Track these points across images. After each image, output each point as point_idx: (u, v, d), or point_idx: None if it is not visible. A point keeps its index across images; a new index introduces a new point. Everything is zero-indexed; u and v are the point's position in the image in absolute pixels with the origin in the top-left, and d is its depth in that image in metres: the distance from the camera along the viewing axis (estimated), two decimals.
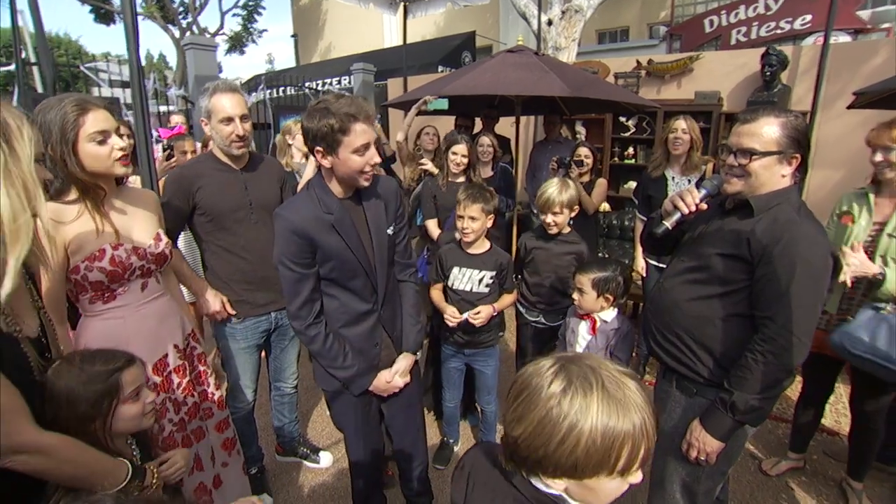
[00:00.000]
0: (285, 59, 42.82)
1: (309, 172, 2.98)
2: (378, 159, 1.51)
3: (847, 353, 1.93)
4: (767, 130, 1.38)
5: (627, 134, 5.55)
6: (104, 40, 52.49)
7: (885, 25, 7.33)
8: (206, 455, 1.77)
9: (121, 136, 1.44)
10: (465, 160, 3.03)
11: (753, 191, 1.43)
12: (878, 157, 1.96)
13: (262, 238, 2.04)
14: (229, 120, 1.89)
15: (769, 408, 1.41)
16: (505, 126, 4.59)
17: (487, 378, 2.44)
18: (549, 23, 6.31)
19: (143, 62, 2.71)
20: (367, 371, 1.69)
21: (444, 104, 3.34)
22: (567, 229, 2.39)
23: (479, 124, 4.75)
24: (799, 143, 1.39)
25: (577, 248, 2.40)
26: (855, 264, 1.89)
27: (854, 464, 2.28)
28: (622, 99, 3.78)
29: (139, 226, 1.57)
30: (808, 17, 7.33)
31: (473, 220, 2.16)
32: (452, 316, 2.21)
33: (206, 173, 1.98)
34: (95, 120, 1.35)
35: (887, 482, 2.40)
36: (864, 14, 7.36)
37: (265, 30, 18.85)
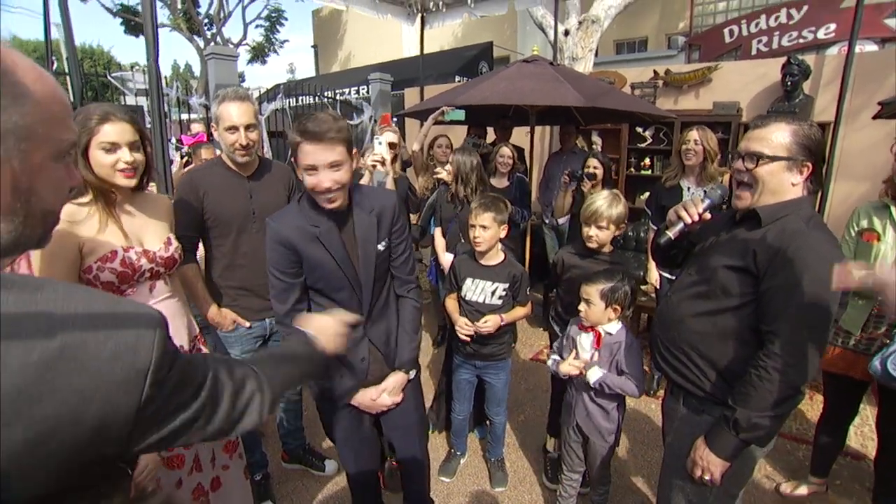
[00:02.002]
0: (306, 69, 43.57)
1: (365, 181, 2.99)
2: (327, 184, 1.42)
3: (891, 381, 1.78)
4: (777, 136, 1.34)
5: (644, 145, 5.47)
6: (133, 51, 54.27)
7: None
8: (206, 457, 1.76)
9: (136, 150, 1.49)
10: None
11: (762, 199, 1.38)
12: None
13: (262, 247, 2.04)
14: (234, 129, 1.91)
15: (776, 426, 1.34)
16: (519, 136, 4.56)
17: (497, 390, 2.39)
18: (566, 33, 6.29)
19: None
20: (350, 385, 1.66)
21: (460, 115, 3.34)
22: (608, 248, 2.24)
23: (490, 134, 4.73)
24: (810, 151, 1.33)
25: (616, 267, 2.18)
26: None
27: (880, 490, 2.16)
28: (638, 109, 3.74)
29: (150, 230, 1.62)
30: (833, 27, 7.16)
31: (485, 230, 2.13)
32: (464, 326, 2.19)
33: (213, 179, 1.99)
34: (110, 131, 1.44)
35: None
36: (892, 22, 7.15)
37: (287, 40, 19.18)
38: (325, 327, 1.13)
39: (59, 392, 0.50)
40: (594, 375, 1.91)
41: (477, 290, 2.23)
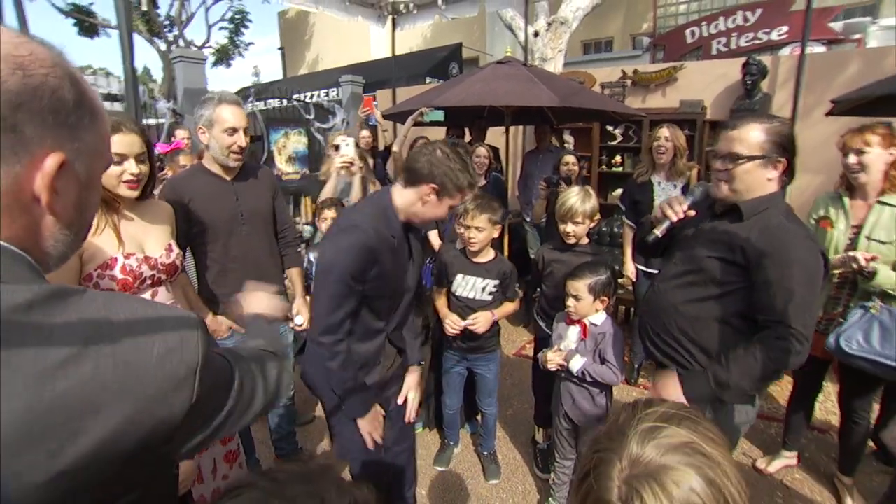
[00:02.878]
0: (272, 72, 42.83)
1: (330, 185, 3.01)
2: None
3: (844, 355, 1.98)
4: (752, 136, 1.44)
5: (615, 142, 5.66)
6: (87, 53, 52.18)
7: (856, 36, 7.61)
8: (207, 467, 1.76)
9: (142, 161, 1.49)
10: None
11: (741, 195, 1.49)
12: (852, 160, 2.05)
13: (254, 249, 2.05)
14: (233, 130, 1.92)
15: (750, 394, 1.46)
16: (494, 136, 4.66)
17: (489, 382, 2.47)
18: (536, 34, 6.45)
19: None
20: (367, 396, 1.68)
21: (440, 115, 3.40)
22: (585, 240, 2.35)
23: (468, 134, 4.82)
24: (783, 148, 1.44)
25: (595, 259, 2.34)
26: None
27: (844, 459, 2.35)
28: (609, 108, 3.88)
29: (151, 236, 1.60)
30: (785, 29, 7.55)
31: (480, 231, 2.19)
32: (454, 323, 2.25)
33: (197, 185, 1.99)
34: (120, 142, 1.43)
35: (877, 476, 2.47)
36: (837, 26, 7.63)
37: (252, 43, 18.80)
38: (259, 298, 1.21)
39: (116, 399, 0.50)
40: (576, 364, 2.00)
41: (468, 286, 2.29)
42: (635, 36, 11.41)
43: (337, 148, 3.21)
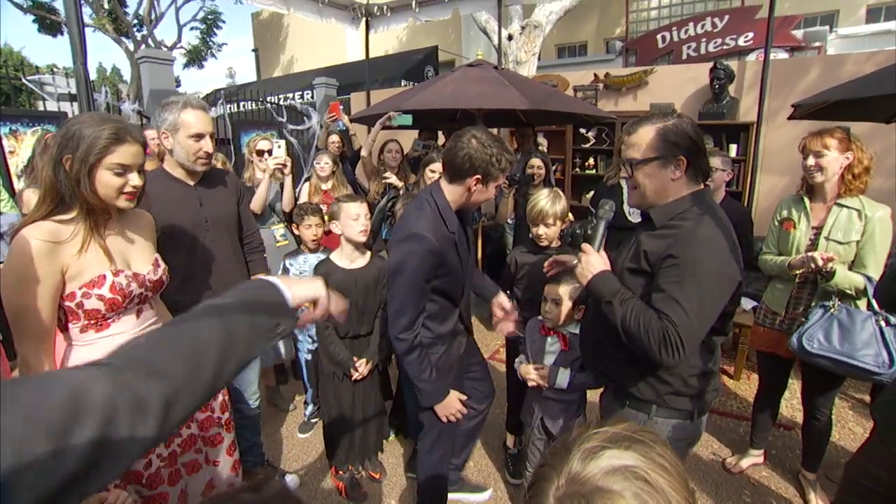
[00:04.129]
0: (246, 74, 42.19)
1: (263, 189, 2.98)
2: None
3: (806, 354, 2.02)
4: (644, 138, 1.40)
5: (588, 145, 5.73)
6: (50, 52, 50.59)
7: (816, 44, 7.89)
8: (196, 489, 1.65)
9: (141, 172, 1.40)
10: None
11: (652, 200, 1.44)
12: (811, 162, 2.11)
13: (219, 255, 1.99)
14: (199, 136, 1.86)
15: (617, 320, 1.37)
16: None
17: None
18: (510, 38, 6.49)
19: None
20: (445, 384, 1.85)
21: (408, 120, 3.38)
22: (557, 242, 2.35)
23: (441, 137, 4.81)
24: (678, 146, 1.36)
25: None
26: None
27: (807, 455, 2.41)
28: (581, 111, 3.91)
29: (138, 251, 1.50)
30: (751, 35, 7.77)
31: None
32: None
33: (158, 190, 1.91)
34: (125, 153, 1.33)
35: (838, 470, 2.52)
36: (798, 33, 7.91)
37: (225, 43, 18.50)
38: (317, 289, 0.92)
39: None
40: (564, 379, 1.95)
41: None
42: (608, 40, 11.60)
43: (261, 153, 3.16)
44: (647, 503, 0.55)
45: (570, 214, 2.53)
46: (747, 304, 3.52)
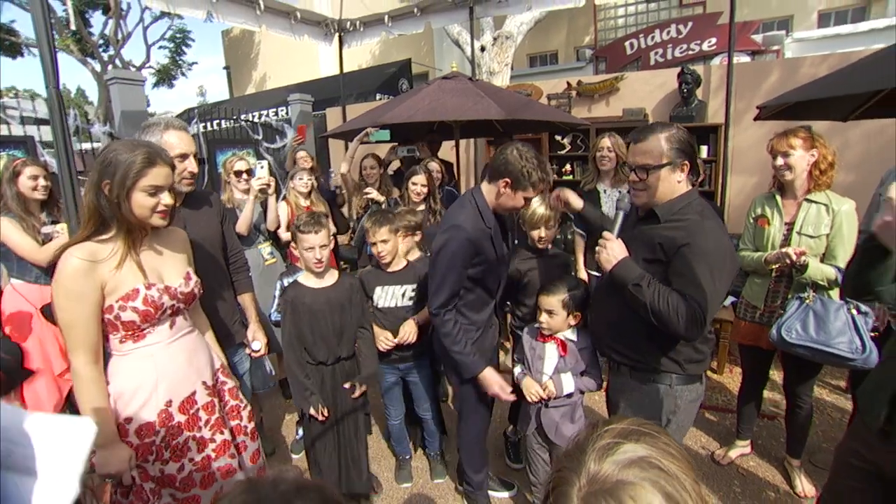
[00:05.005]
0: (218, 92, 41.77)
1: (248, 211, 2.97)
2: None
3: (785, 344, 2.15)
4: (656, 146, 1.61)
5: (564, 151, 5.84)
6: (10, 74, 49.28)
7: (775, 47, 8.26)
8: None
9: (172, 191, 1.50)
10: (425, 189, 3.25)
11: (657, 200, 1.65)
12: (779, 162, 2.23)
13: (206, 276, 1.98)
14: (183, 157, 1.87)
15: (633, 300, 1.59)
16: (445, 150, 4.72)
17: (422, 389, 2.54)
18: (482, 49, 6.61)
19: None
20: (481, 358, 2.02)
21: (385, 135, 3.40)
22: (550, 245, 2.47)
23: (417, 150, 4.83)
24: (684, 152, 1.61)
25: (563, 257, 2.59)
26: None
27: (791, 442, 2.50)
28: (555, 119, 4.01)
29: (170, 265, 1.60)
30: (714, 40, 8.10)
31: (385, 243, 2.31)
32: (386, 340, 2.34)
33: None
34: (157, 175, 1.43)
35: (821, 454, 2.62)
36: (758, 38, 8.26)
37: (195, 62, 18.32)
38: None
39: None
40: (569, 386, 2.00)
41: (387, 296, 2.40)
42: (578, 48, 11.89)
43: (239, 174, 3.15)
44: (665, 488, 0.59)
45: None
46: (726, 299, 3.63)
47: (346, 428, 2.29)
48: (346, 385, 2.22)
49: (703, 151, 5.00)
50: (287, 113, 8.55)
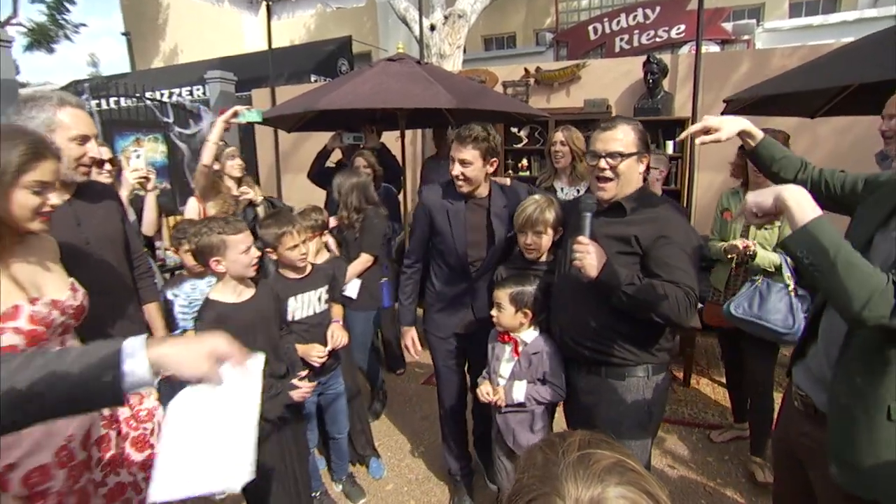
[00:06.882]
0: (115, 62, 39.75)
1: (150, 206, 2.90)
2: (455, 173, 2.34)
3: (732, 318, 2.68)
4: (626, 134, 1.84)
5: (520, 145, 6.01)
6: None
7: (745, 37, 8.86)
8: None
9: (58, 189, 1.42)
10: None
11: (622, 191, 1.88)
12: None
13: (105, 281, 1.92)
14: (84, 138, 1.80)
15: (633, 303, 1.78)
16: (390, 141, 4.74)
17: (341, 401, 2.69)
18: (432, 28, 6.70)
19: None
20: (411, 314, 2.64)
21: (258, 116, 3.17)
22: (547, 256, 2.28)
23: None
24: (646, 144, 1.90)
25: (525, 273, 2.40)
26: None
27: (754, 440, 2.88)
28: (511, 109, 4.14)
29: (49, 276, 1.49)
30: (682, 27, 8.56)
31: (297, 248, 2.38)
32: (319, 352, 2.40)
33: None
34: (44, 170, 1.35)
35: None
36: (728, 26, 8.84)
37: (83, 24, 16.99)
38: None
39: None
40: (519, 393, 2.08)
41: (303, 305, 2.46)
42: (538, 31, 12.27)
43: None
44: (646, 488, 0.68)
45: None
46: None
47: (290, 455, 2.30)
48: (301, 374, 2.27)
49: (669, 147, 5.29)
50: (204, 93, 8.31)
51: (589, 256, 1.76)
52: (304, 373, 2.27)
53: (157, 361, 0.98)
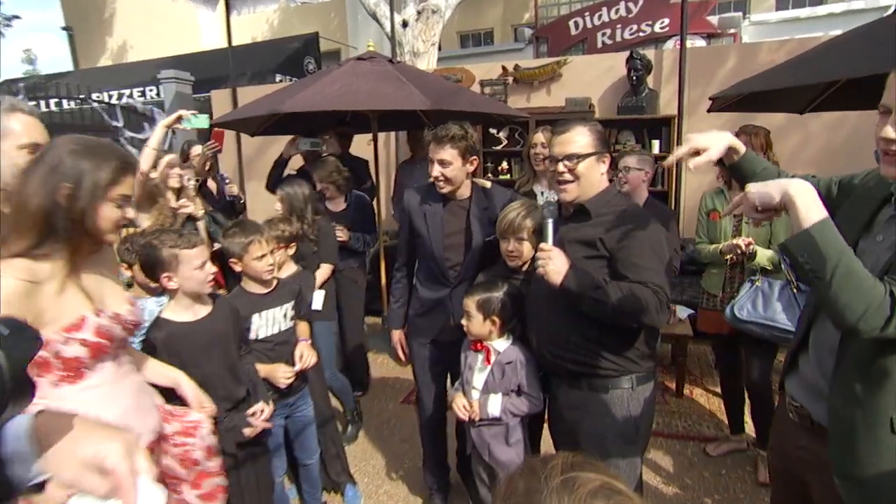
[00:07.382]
0: (55, 60, 38.78)
1: None
2: (435, 174, 2.40)
3: (738, 321, 2.69)
4: (582, 136, 1.92)
5: (500, 147, 6.04)
6: None
7: (731, 30, 9.09)
8: None
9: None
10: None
11: (585, 193, 1.95)
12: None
13: None
14: (36, 147, 1.76)
15: (596, 307, 1.82)
16: (360, 145, 4.71)
17: (311, 424, 2.65)
18: (405, 24, 6.71)
19: None
20: (399, 318, 2.74)
21: (203, 122, 3.13)
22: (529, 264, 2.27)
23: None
24: (606, 144, 1.99)
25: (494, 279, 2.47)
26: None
27: (759, 433, 2.97)
28: (490, 110, 4.16)
29: (110, 289, 1.57)
30: (666, 21, 8.75)
31: (261, 259, 2.37)
32: (286, 372, 2.37)
33: None
34: (128, 185, 1.48)
35: None
36: (714, 19, 9.05)
37: (16, 16, 16.59)
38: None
39: None
40: (495, 406, 2.10)
41: (268, 323, 2.44)
42: (516, 27, 12.39)
43: None
44: None
45: None
46: (683, 312, 3.92)
47: (250, 489, 2.25)
48: (257, 407, 2.17)
49: (655, 146, 5.38)
50: (158, 94, 8.19)
51: (552, 262, 1.81)
52: (259, 405, 2.17)
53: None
